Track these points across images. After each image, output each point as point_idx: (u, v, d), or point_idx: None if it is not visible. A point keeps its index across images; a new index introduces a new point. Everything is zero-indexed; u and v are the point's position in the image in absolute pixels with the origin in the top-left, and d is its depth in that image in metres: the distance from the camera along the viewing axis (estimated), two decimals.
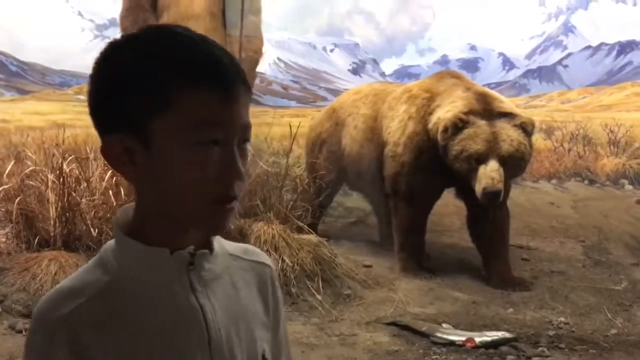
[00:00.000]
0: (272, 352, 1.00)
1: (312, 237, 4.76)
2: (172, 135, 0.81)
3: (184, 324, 0.88)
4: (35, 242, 4.11)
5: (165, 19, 5.90)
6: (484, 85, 5.73)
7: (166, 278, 0.88)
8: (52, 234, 4.14)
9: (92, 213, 4.23)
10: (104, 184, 4.41)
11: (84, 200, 4.29)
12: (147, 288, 0.87)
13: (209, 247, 0.92)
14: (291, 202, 5.20)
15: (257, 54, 5.76)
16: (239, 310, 0.94)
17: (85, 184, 4.42)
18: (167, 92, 0.81)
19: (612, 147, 13.98)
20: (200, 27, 5.85)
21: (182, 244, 0.88)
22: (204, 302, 0.89)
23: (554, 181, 11.29)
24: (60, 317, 0.83)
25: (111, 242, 0.91)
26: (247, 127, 0.87)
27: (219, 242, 0.96)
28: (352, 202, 7.87)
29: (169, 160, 0.82)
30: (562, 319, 4.22)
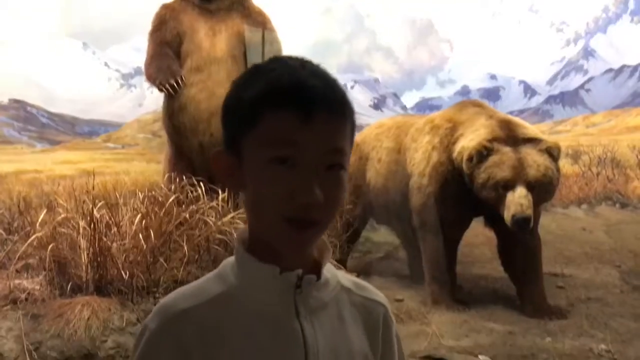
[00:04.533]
0: None
1: None
2: (254, 151, 0.87)
3: (283, 346, 0.89)
4: (68, 288, 4.14)
5: (189, 64, 6.05)
6: (506, 113, 5.71)
7: (273, 297, 0.90)
8: (84, 279, 4.17)
9: (123, 257, 4.26)
10: (133, 227, 4.45)
11: (114, 244, 4.32)
12: (254, 304, 0.90)
13: (318, 273, 0.93)
14: None
15: None
16: (342, 343, 0.94)
17: (115, 229, 4.47)
18: (254, 111, 0.86)
19: None
20: (222, 70, 5.98)
21: (291, 266, 0.90)
22: (307, 327, 0.90)
23: (584, 206, 11.09)
24: (175, 313, 0.89)
25: (231, 258, 0.96)
26: (333, 151, 0.87)
27: (331, 271, 0.98)
28: (380, 236, 7.83)
29: (251, 175, 0.87)
30: (603, 346, 4.10)
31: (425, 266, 5.35)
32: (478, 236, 6.55)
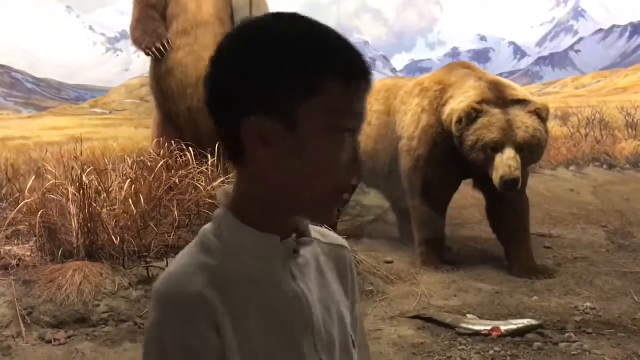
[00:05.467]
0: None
1: None
2: (318, 120, 0.83)
3: (290, 310, 0.89)
4: (59, 253, 4.16)
5: (175, 27, 5.95)
6: (496, 75, 5.69)
7: (272, 264, 0.89)
8: (75, 244, 4.19)
9: (113, 222, 4.28)
10: (123, 193, 4.46)
11: (104, 210, 4.33)
12: (255, 273, 0.88)
13: (306, 234, 0.93)
14: None
15: None
16: (327, 294, 0.95)
17: (104, 195, 4.47)
18: (317, 79, 0.82)
19: (629, 130, 13.84)
20: (209, 33, 5.89)
21: (285, 231, 0.89)
22: (304, 287, 0.90)
23: (572, 167, 11.18)
24: (193, 292, 0.83)
25: (208, 226, 0.91)
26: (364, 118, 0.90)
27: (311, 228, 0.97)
28: (369, 200, 7.87)
29: (311, 144, 0.83)
30: (588, 304, 4.19)
31: (414, 228, 5.40)
32: (467, 198, 6.60)
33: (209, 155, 5.05)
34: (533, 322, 3.76)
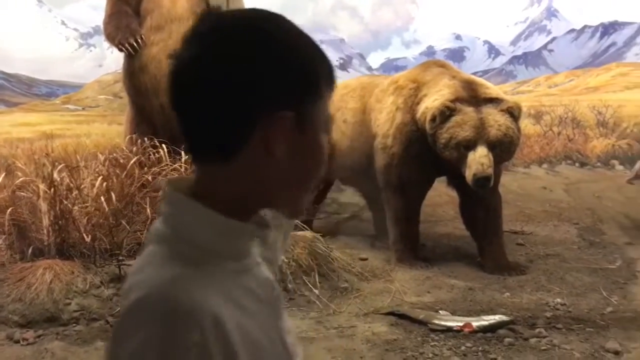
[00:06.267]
0: None
1: (307, 233, 4.77)
2: (319, 121, 0.87)
3: (269, 296, 0.89)
4: (30, 252, 4.10)
5: (149, 22, 5.89)
6: (471, 74, 5.75)
7: (248, 253, 0.89)
8: (45, 243, 4.13)
9: (85, 220, 4.22)
10: (95, 190, 4.40)
11: (75, 208, 4.28)
12: (239, 264, 0.86)
13: (264, 222, 0.95)
14: None
15: None
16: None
17: (76, 192, 4.40)
18: (320, 84, 0.86)
19: (601, 129, 14.08)
20: (183, 28, 5.81)
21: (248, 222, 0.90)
22: (268, 273, 0.92)
23: (545, 165, 11.34)
24: (203, 305, 0.75)
25: (166, 227, 0.84)
26: None
27: None
28: (346, 197, 7.89)
29: (313, 145, 0.87)
30: (559, 300, 4.26)
31: (389, 225, 5.43)
32: (441, 196, 6.66)
33: (182, 152, 5.01)
34: (504, 318, 3.81)
